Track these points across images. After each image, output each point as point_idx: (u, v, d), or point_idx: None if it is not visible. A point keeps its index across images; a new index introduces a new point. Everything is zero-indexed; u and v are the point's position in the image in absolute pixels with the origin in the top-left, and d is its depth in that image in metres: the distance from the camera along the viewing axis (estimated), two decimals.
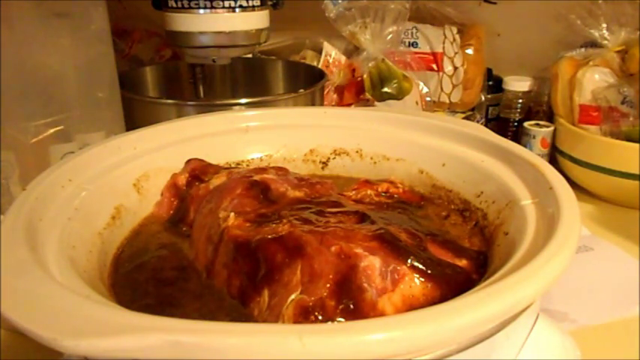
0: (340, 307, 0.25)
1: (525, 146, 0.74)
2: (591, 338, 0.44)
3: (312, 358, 0.19)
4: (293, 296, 0.25)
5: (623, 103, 0.69)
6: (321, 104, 0.69)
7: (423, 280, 0.26)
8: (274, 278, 0.27)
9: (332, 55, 0.82)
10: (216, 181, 0.37)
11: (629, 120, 0.69)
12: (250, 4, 0.61)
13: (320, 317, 0.25)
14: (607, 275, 0.53)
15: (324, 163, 0.45)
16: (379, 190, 0.38)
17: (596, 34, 0.73)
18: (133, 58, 0.84)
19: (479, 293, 0.22)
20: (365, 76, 0.76)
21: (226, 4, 0.60)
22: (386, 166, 0.44)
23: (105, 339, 0.19)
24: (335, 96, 0.80)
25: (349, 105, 0.79)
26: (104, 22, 0.52)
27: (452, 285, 0.27)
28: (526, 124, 0.79)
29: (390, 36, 0.76)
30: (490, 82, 0.88)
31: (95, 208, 0.33)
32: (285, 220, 0.29)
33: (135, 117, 0.58)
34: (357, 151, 0.45)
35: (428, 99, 0.81)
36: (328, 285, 0.25)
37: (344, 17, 0.75)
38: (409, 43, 0.83)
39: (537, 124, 0.79)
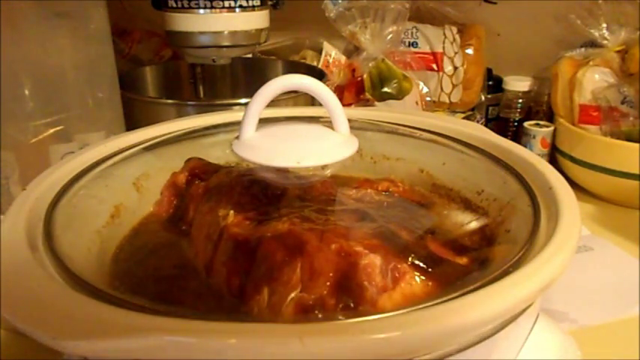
0: (340, 305, 0.25)
1: (525, 146, 0.74)
2: (591, 338, 0.44)
3: (312, 358, 0.19)
4: (293, 294, 0.25)
5: (623, 103, 0.69)
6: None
7: (423, 278, 0.26)
8: (274, 276, 0.27)
9: (332, 55, 0.82)
10: (216, 179, 0.37)
11: (629, 120, 0.69)
12: (250, 4, 0.61)
13: (320, 316, 0.25)
14: (607, 275, 0.53)
15: None
16: (379, 188, 0.38)
17: (596, 34, 0.73)
18: (133, 58, 0.84)
19: (479, 293, 0.22)
20: (365, 76, 0.76)
21: (226, 4, 0.60)
22: (386, 166, 0.43)
23: (105, 339, 0.19)
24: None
25: (349, 105, 0.78)
26: (104, 22, 0.52)
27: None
28: (526, 124, 0.79)
29: (390, 36, 0.76)
30: (490, 82, 0.88)
31: (95, 207, 0.33)
32: (285, 219, 0.29)
33: (135, 117, 0.58)
34: (356, 151, 0.45)
35: (428, 99, 0.80)
36: (328, 283, 0.25)
37: (344, 17, 0.75)
38: (409, 43, 0.83)
39: (537, 124, 0.79)
